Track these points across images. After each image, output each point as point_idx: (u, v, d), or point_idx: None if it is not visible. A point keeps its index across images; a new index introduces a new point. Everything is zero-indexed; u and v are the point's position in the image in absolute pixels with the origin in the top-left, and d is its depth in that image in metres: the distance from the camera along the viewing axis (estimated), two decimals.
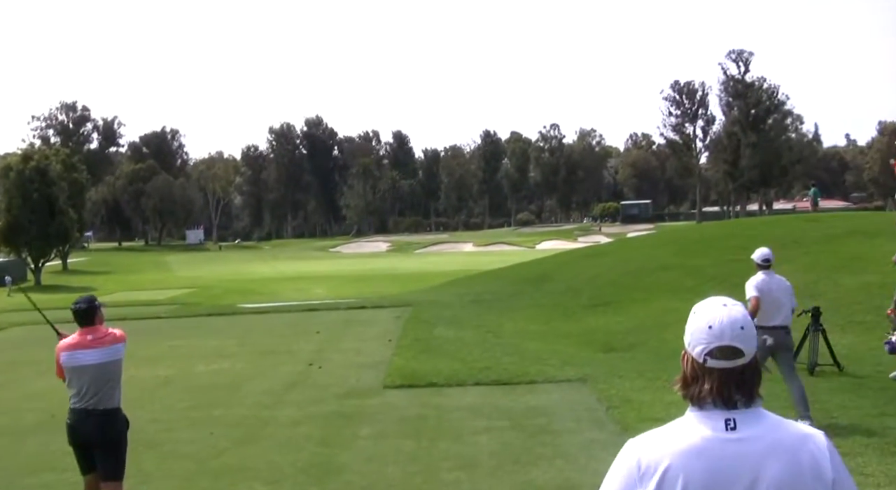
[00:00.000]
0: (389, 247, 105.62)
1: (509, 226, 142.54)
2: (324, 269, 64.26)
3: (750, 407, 2.22)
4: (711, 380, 2.22)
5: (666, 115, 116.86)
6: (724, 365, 2.21)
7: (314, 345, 17.33)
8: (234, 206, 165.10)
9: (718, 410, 2.21)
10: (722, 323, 2.23)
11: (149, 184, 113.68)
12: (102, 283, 55.12)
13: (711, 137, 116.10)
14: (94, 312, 6.42)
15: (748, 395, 2.23)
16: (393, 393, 11.88)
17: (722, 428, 2.19)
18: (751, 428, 2.19)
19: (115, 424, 6.34)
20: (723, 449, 2.18)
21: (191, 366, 15.22)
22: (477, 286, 28.56)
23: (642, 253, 28.05)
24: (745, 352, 2.22)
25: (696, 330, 2.27)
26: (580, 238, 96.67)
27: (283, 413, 10.93)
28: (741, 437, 2.18)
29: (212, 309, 28.67)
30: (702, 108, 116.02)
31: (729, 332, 2.22)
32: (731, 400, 2.21)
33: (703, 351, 2.24)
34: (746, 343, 2.23)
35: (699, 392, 2.23)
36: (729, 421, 2.20)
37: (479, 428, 9.33)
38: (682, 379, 2.30)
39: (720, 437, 2.19)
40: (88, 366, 6.25)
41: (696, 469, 2.18)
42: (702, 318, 2.28)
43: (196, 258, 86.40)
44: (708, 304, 2.32)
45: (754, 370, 2.26)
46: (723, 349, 2.21)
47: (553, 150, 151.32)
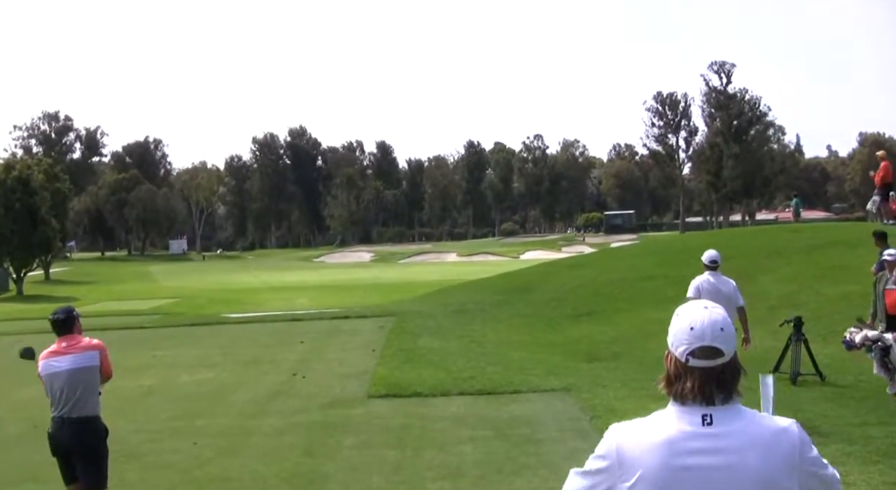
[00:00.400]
0: (373, 257, 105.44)
1: (493, 236, 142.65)
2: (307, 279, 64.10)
3: (728, 403, 2.33)
4: (693, 378, 2.33)
5: (649, 125, 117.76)
6: (705, 364, 2.33)
7: (298, 355, 17.30)
8: (217, 216, 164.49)
9: (697, 406, 2.32)
10: (703, 324, 2.35)
11: (132, 193, 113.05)
12: (85, 293, 54.76)
13: (694, 148, 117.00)
14: (71, 323, 6.44)
15: (727, 392, 2.33)
16: (377, 403, 11.88)
17: (699, 423, 2.31)
18: (727, 424, 2.30)
19: (92, 433, 6.31)
20: (698, 443, 2.29)
21: (174, 376, 15.17)
22: (461, 296, 28.56)
23: (626, 263, 28.13)
24: (724, 352, 2.34)
25: (679, 331, 2.38)
26: (564, 248, 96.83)
27: (267, 423, 10.90)
28: (716, 432, 2.29)
29: (195, 319, 28.55)
30: (684, 119, 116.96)
31: (710, 333, 2.33)
32: (710, 397, 2.32)
33: (685, 351, 2.35)
34: (726, 343, 2.35)
35: (681, 390, 2.35)
36: (706, 416, 2.31)
37: (464, 437, 9.34)
38: (665, 377, 2.41)
39: (697, 432, 2.30)
40: (61, 372, 6.27)
41: (671, 462, 2.30)
42: (684, 319, 2.40)
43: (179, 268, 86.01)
44: (690, 307, 2.43)
45: (734, 369, 2.37)
46: (704, 349, 2.33)
47: (537, 161, 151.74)
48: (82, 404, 6.27)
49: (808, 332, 12.94)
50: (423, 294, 32.52)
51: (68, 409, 6.26)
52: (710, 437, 2.30)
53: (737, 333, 2.52)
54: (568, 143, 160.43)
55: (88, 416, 6.28)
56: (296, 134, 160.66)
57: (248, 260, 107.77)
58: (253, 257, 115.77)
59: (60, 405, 6.28)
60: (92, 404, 6.33)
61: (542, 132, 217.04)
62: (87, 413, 6.28)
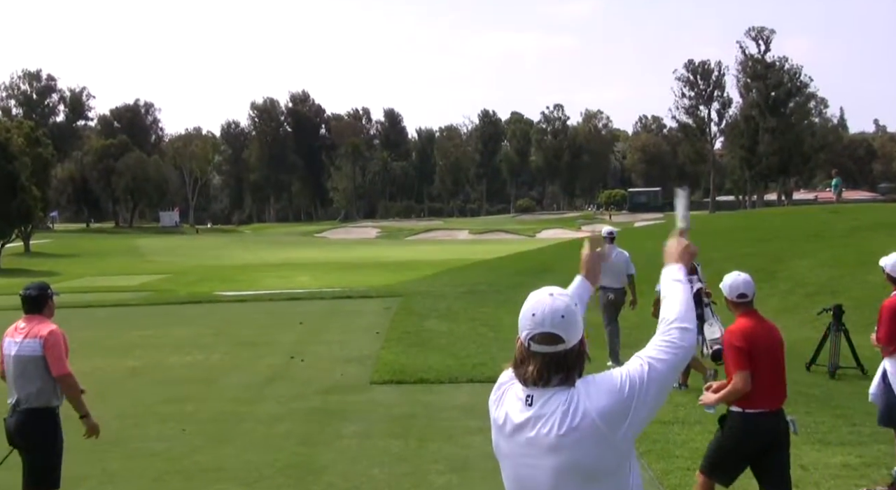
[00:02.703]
0: (379, 233, 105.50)
1: (508, 213, 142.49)
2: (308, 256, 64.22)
3: (560, 386, 2.59)
4: (535, 362, 2.61)
5: (679, 96, 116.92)
6: (545, 349, 2.59)
7: (296, 336, 17.35)
8: (212, 187, 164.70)
9: (528, 388, 2.64)
10: (544, 312, 2.60)
11: (120, 161, 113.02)
12: (68, 268, 54.99)
13: (727, 121, 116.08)
14: (40, 302, 6.31)
15: (567, 376, 2.60)
16: (380, 389, 11.89)
17: (522, 403, 2.64)
18: (546, 405, 2.59)
19: (35, 426, 6.17)
20: (517, 423, 2.64)
21: (162, 357, 15.21)
22: (472, 276, 28.58)
23: (650, 244, 27.91)
24: (565, 338, 2.60)
25: (523, 316, 2.65)
26: (584, 227, 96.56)
27: (262, 409, 10.92)
28: (532, 415, 2.60)
29: (186, 296, 28.66)
30: (717, 90, 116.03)
31: (549, 320, 2.59)
32: (548, 381, 2.59)
33: (527, 336, 2.62)
34: (567, 331, 2.60)
35: (524, 373, 2.63)
36: (529, 397, 2.62)
37: (473, 428, 9.31)
38: (513, 361, 2.71)
39: (518, 411, 2.64)
40: (9, 356, 6.22)
41: (498, 440, 2.74)
42: (528, 306, 2.66)
43: (170, 242, 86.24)
44: (536, 294, 2.68)
45: (577, 355, 2.64)
46: (544, 335, 2.59)
47: (556, 133, 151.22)
48: (27, 395, 6.14)
49: (849, 321, 12.86)
50: (431, 274, 32.55)
51: (15, 399, 6.19)
52: (529, 419, 2.61)
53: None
54: (590, 115, 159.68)
55: (33, 407, 6.13)
56: (298, 99, 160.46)
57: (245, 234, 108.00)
58: (250, 231, 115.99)
59: (10, 392, 6.24)
60: (35, 396, 6.13)
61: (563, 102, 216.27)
62: (32, 404, 6.12)
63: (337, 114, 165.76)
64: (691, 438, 8.43)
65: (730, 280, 5.79)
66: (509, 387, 2.75)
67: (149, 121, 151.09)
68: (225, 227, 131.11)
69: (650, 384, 2.62)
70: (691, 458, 7.64)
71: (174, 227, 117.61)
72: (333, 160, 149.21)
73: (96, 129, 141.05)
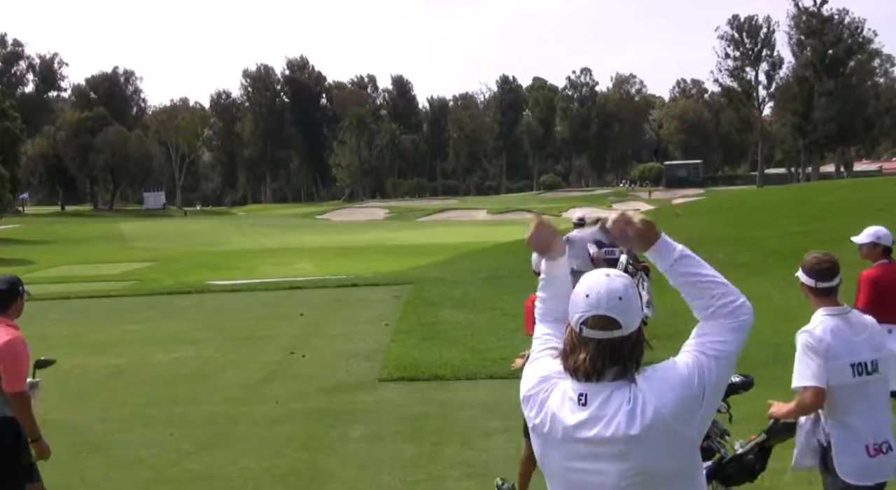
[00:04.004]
0: (387, 214, 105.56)
1: (530, 190, 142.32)
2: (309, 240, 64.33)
3: (617, 380, 2.54)
4: (588, 350, 2.55)
5: (722, 57, 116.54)
6: (600, 335, 2.54)
7: (296, 329, 17.41)
8: (201, 165, 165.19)
9: (579, 384, 2.57)
10: (599, 292, 2.55)
11: (98, 136, 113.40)
12: (41, 256, 55.13)
13: (778, 84, 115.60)
14: (8, 298, 6.21)
15: (622, 368, 2.55)
16: (390, 387, 11.91)
17: (574, 403, 2.57)
18: (606, 405, 2.53)
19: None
20: (570, 426, 2.57)
21: (148, 354, 15.27)
22: (492, 261, 28.55)
23: (690, 223, 27.98)
24: (622, 323, 2.54)
25: (575, 298, 2.61)
26: (616, 205, 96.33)
27: (259, 410, 10.95)
28: (589, 416, 2.54)
29: (175, 286, 28.74)
30: (766, 49, 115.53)
31: (605, 301, 2.54)
32: (602, 373, 2.54)
33: (579, 320, 2.58)
34: (624, 315, 2.54)
35: (575, 362, 2.58)
36: (581, 396, 2.56)
37: (494, 429, 9.33)
38: (562, 351, 2.65)
39: (569, 412, 2.57)
40: None
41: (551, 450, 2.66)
42: (580, 286, 2.62)
43: (156, 226, 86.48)
44: (590, 274, 2.65)
45: (635, 344, 2.57)
46: (598, 318, 2.54)
47: (584, 100, 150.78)
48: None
49: None
50: (446, 258, 32.56)
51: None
52: (581, 424, 2.55)
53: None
54: (622, 79, 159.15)
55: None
56: (295, 66, 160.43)
57: (239, 217, 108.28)
58: (244, 214, 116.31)
59: None
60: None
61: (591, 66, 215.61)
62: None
63: (339, 82, 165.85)
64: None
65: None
66: (552, 386, 2.69)
67: (129, 91, 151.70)
68: (216, 208, 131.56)
69: (718, 371, 2.59)
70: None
71: (160, 210, 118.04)
72: (336, 134, 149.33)
73: (70, 101, 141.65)
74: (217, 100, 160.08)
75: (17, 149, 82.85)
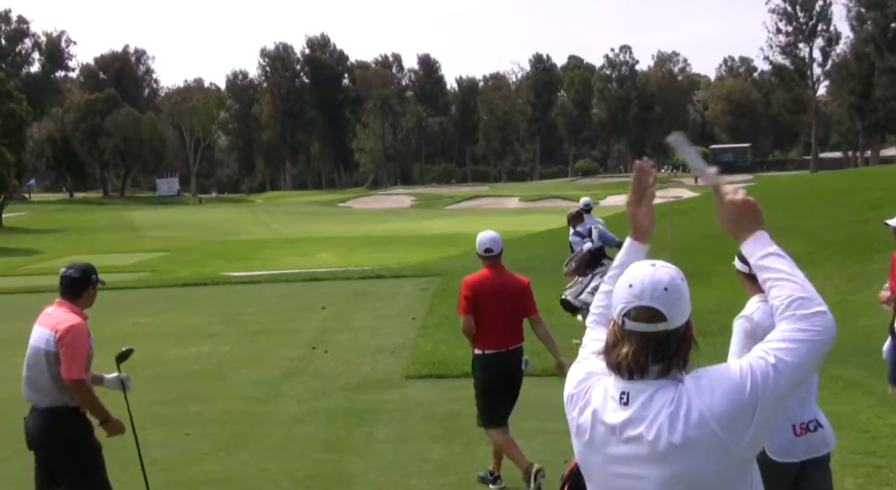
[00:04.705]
0: (413, 201, 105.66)
1: (565, 176, 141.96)
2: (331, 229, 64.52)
3: (661, 378, 2.52)
4: (630, 343, 2.54)
5: (773, 32, 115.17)
6: (643, 328, 2.53)
7: (318, 323, 17.47)
8: (217, 149, 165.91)
9: (622, 381, 2.55)
10: (643, 283, 2.54)
11: (108, 119, 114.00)
12: (48, 245, 55.61)
13: (834, 61, 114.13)
14: (76, 286, 6.43)
15: (668, 366, 2.52)
16: (417, 385, 11.92)
17: (616, 401, 2.56)
18: (648, 405, 2.50)
19: (53, 428, 6.26)
20: (611, 425, 2.56)
21: (162, 349, 15.35)
22: (524, 251, 28.52)
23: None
24: (667, 316, 2.52)
25: (618, 289, 2.60)
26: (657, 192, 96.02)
27: (279, 409, 10.98)
28: (631, 416, 2.52)
29: (189, 278, 28.90)
30: (822, 23, 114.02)
31: (650, 292, 2.52)
32: (645, 369, 2.52)
33: (621, 311, 2.56)
34: (670, 307, 2.52)
35: (617, 356, 2.56)
36: (624, 394, 2.54)
37: (528, 430, 9.28)
38: (605, 345, 2.64)
39: (611, 411, 2.56)
40: (30, 346, 6.31)
41: (590, 450, 2.66)
42: (625, 277, 2.62)
43: (169, 214, 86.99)
44: (636, 264, 2.66)
45: (682, 340, 2.55)
46: (641, 310, 2.53)
47: (623, 80, 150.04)
48: (36, 392, 6.25)
49: None
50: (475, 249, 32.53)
51: (28, 394, 6.30)
52: (622, 423, 2.54)
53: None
54: (664, 57, 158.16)
55: (44, 407, 6.24)
56: (316, 45, 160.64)
57: (257, 204, 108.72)
58: (262, 201, 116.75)
59: (24, 387, 6.34)
60: (44, 394, 6.23)
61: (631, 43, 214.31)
62: (43, 404, 6.24)
63: (362, 61, 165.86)
64: None
65: (478, 237, 8.34)
66: (594, 384, 2.68)
67: (141, 71, 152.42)
68: (233, 196, 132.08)
69: (777, 382, 2.49)
70: None
71: (173, 197, 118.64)
72: (359, 116, 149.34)
73: (78, 82, 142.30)
74: (233, 80, 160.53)
75: (23, 132, 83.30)
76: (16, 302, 22.73)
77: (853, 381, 10.84)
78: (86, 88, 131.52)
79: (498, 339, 7.94)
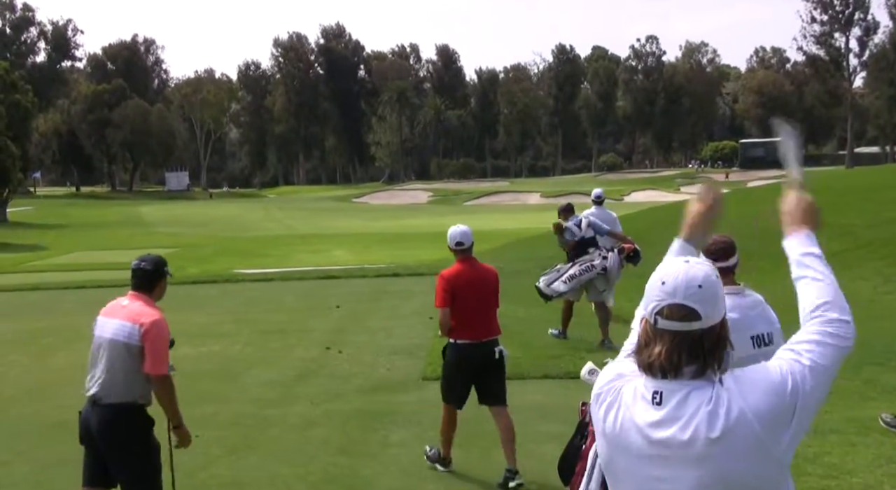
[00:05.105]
0: (431, 197, 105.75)
1: (589, 171, 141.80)
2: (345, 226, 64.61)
3: (696, 379, 2.52)
4: (663, 343, 2.53)
5: (807, 21, 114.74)
6: (676, 327, 2.52)
7: (333, 323, 17.47)
8: (228, 142, 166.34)
9: (654, 381, 2.55)
10: (676, 280, 2.55)
11: (116, 110, 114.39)
12: (54, 241, 55.88)
13: (872, 51, 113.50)
14: (150, 278, 6.61)
15: (701, 365, 2.52)
16: (434, 386, 11.80)
17: (648, 402, 2.55)
18: (684, 405, 2.50)
19: (123, 425, 6.34)
20: (642, 425, 2.54)
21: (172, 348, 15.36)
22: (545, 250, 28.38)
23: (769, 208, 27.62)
24: (701, 314, 2.52)
25: (650, 286, 2.61)
26: (684, 188, 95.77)
27: (292, 411, 11.00)
28: (664, 416, 2.51)
29: (199, 275, 28.96)
30: (859, 12, 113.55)
31: (683, 289, 2.52)
32: (679, 369, 2.51)
33: (654, 310, 2.57)
34: (704, 305, 2.52)
35: (649, 356, 2.56)
36: (656, 394, 2.53)
37: (548, 434, 9.28)
38: (636, 344, 2.65)
39: (642, 411, 2.55)
40: (100, 337, 6.43)
41: (619, 452, 2.63)
42: (657, 274, 2.63)
43: (179, 209, 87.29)
44: (669, 261, 2.68)
45: (717, 339, 2.55)
46: (674, 308, 2.53)
47: (649, 72, 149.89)
48: (109, 386, 6.32)
49: None
50: (495, 246, 32.50)
51: (95, 389, 6.37)
52: (653, 425, 2.52)
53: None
54: (692, 48, 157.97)
55: (119, 402, 6.32)
56: (331, 35, 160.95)
57: (269, 199, 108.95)
58: (275, 196, 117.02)
59: (89, 380, 6.41)
60: (123, 391, 6.32)
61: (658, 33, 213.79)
62: (112, 398, 6.32)
63: (379, 52, 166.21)
64: (826, 451, 8.29)
65: (449, 231, 8.72)
66: (625, 383, 2.67)
67: (150, 61, 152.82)
68: (244, 190, 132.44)
69: (814, 383, 2.53)
70: (826, 475, 7.54)
71: (183, 192, 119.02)
72: (375, 109, 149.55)
73: (86, 72, 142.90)
74: (245, 72, 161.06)
75: (28, 124, 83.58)
76: (18, 300, 22.77)
77: (890, 387, 10.78)
78: (93, 79, 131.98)
79: (474, 330, 8.46)
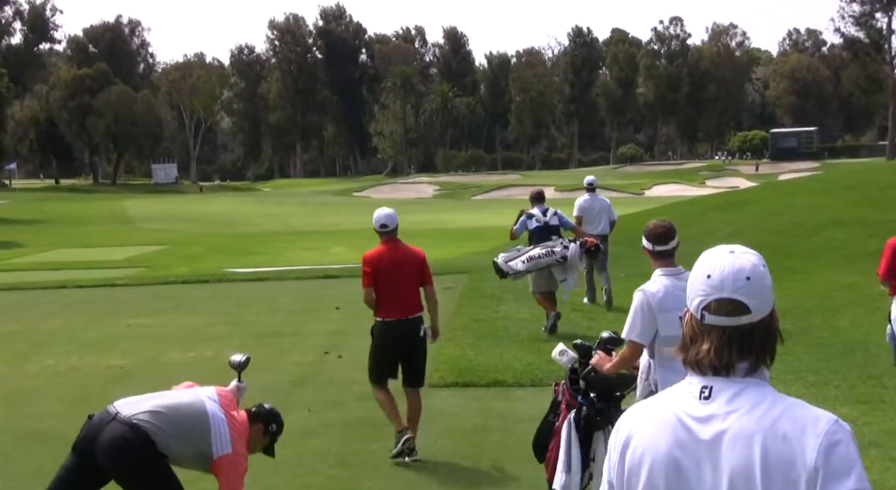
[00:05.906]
0: (437, 191, 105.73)
1: (606, 163, 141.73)
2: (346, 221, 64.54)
3: (750, 377, 2.52)
4: (711, 339, 2.54)
5: (846, 1, 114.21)
6: (725, 322, 2.53)
7: (331, 326, 17.47)
8: (220, 132, 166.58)
9: (703, 377, 2.54)
10: (723, 272, 2.56)
11: (98, 97, 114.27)
12: (31, 238, 55.81)
13: None
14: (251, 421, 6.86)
15: (753, 361, 2.53)
16: (442, 394, 11.91)
17: (695, 398, 2.54)
18: (730, 402, 2.49)
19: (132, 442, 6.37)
20: (686, 425, 2.52)
21: (159, 352, 15.39)
22: None
23: (802, 203, 27.67)
24: (751, 307, 2.52)
25: (695, 280, 2.61)
26: (709, 181, 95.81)
27: (288, 420, 10.86)
28: (710, 413, 2.49)
29: (189, 274, 29.01)
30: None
31: (731, 282, 2.53)
32: (731, 365, 2.51)
33: (700, 305, 2.57)
34: (754, 297, 2.53)
35: (696, 354, 2.56)
36: (706, 388, 2.53)
37: None
38: (682, 341, 2.65)
39: (687, 410, 2.53)
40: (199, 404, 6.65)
41: (659, 445, 2.55)
42: (701, 266, 2.63)
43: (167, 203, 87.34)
44: (711, 252, 2.66)
45: (767, 332, 2.56)
46: (722, 302, 2.54)
47: (673, 56, 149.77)
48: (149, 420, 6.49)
49: None
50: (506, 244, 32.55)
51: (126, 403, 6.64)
52: (700, 421, 2.50)
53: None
54: (719, 30, 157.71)
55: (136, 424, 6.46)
56: (330, 16, 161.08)
57: (264, 193, 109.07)
58: (270, 190, 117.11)
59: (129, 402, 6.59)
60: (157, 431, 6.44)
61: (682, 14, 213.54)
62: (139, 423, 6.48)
63: (382, 35, 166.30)
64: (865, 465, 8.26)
65: (375, 213, 9.90)
66: (652, 409, 2.67)
67: (135, 44, 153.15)
68: (237, 183, 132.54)
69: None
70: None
71: (171, 185, 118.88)
72: (377, 96, 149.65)
73: (65, 56, 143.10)
74: (238, 56, 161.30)
75: (3, 111, 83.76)
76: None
77: None
78: (73, 63, 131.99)
79: (397, 308, 9.62)
